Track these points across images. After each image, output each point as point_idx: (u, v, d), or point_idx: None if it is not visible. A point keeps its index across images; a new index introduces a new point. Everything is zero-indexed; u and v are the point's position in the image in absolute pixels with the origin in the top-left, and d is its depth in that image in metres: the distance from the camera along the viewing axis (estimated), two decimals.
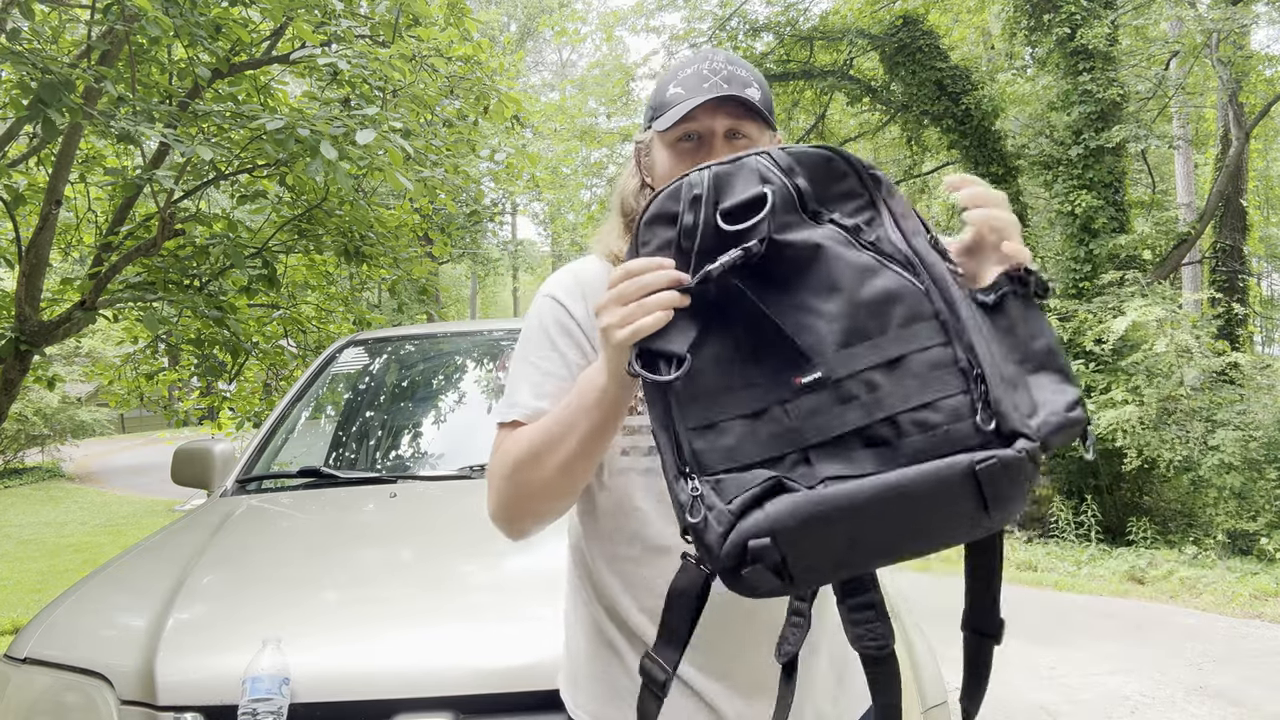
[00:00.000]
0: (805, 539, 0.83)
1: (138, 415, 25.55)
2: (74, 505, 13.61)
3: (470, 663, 1.61)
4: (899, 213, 0.93)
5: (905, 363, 0.86)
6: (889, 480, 0.83)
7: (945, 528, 0.85)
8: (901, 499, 0.82)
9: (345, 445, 3.31)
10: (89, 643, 1.77)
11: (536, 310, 1.28)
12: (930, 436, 0.84)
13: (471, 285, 31.03)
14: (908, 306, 0.88)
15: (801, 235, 0.91)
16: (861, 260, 0.90)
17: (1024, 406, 0.86)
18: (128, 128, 3.34)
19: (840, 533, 0.84)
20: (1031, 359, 0.91)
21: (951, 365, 0.86)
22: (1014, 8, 10.23)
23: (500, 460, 1.18)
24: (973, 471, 0.81)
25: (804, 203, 0.93)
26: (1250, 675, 4.68)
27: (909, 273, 0.89)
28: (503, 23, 28.46)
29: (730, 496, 0.86)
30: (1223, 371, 8.74)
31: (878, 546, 0.86)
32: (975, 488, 0.81)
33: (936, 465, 0.82)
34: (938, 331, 0.87)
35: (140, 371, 5.86)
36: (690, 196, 0.94)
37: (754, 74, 1.22)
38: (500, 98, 5.30)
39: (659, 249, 0.95)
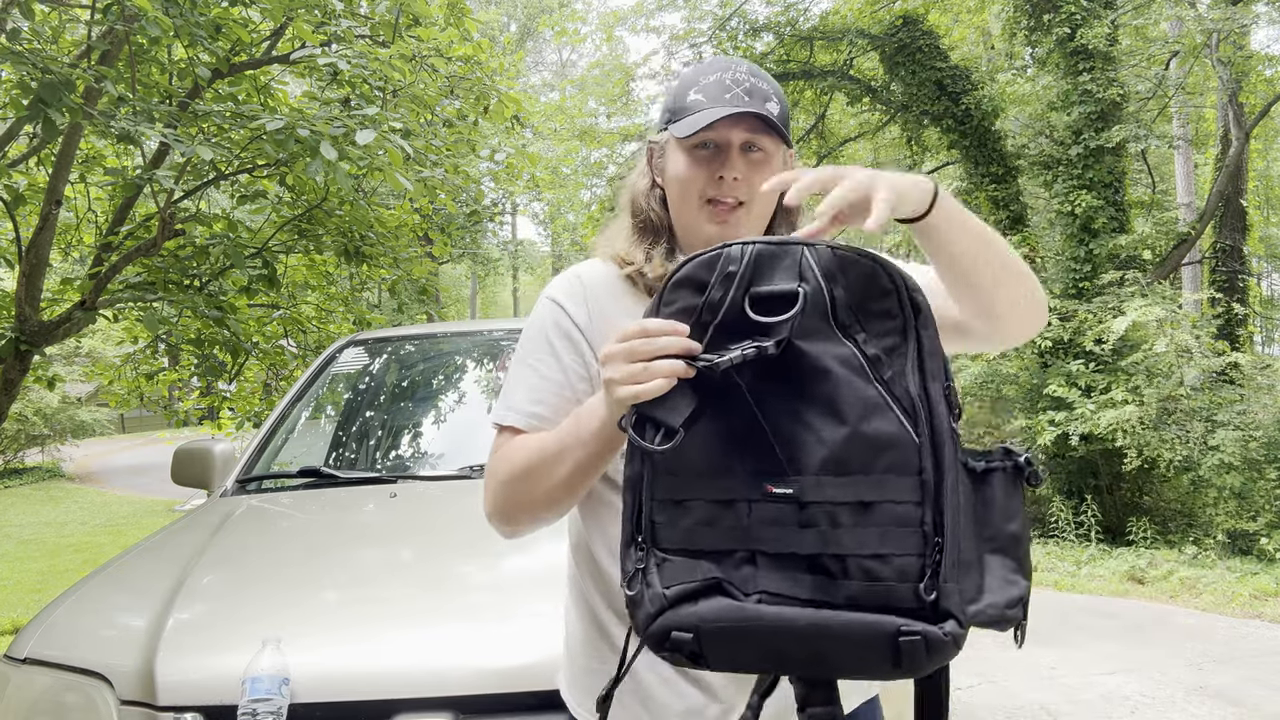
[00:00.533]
0: (726, 642, 0.89)
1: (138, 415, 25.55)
2: (74, 505, 13.61)
3: (470, 663, 1.61)
4: (927, 349, 0.91)
5: (874, 510, 0.88)
6: (818, 619, 0.87)
7: (857, 668, 0.90)
8: (824, 637, 0.87)
9: (345, 445, 3.31)
10: (89, 643, 1.77)
11: (538, 313, 1.29)
12: (871, 587, 0.87)
13: (471, 285, 31.02)
14: (896, 456, 0.88)
15: (820, 349, 0.91)
16: (869, 395, 0.89)
17: (969, 590, 0.89)
18: (128, 128, 3.34)
19: (758, 645, 0.89)
20: (997, 539, 0.93)
21: (916, 526, 0.87)
22: (1014, 8, 10.22)
23: (496, 467, 1.20)
24: (896, 638, 0.85)
25: (835, 313, 0.92)
26: (1250, 675, 4.68)
27: (909, 421, 0.89)
28: (503, 23, 28.46)
29: (670, 582, 0.91)
30: (1223, 371, 8.74)
31: (789, 663, 0.92)
32: (893, 651, 0.85)
33: (864, 620, 0.86)
34: (915, 489, 0.87)
35: (140, 371, 5.86)
36: (725, 272, 0.94)
37: (774, 87, 1.24)
38: (500, 98, 5.30)
39: (679, 313, 0.95)
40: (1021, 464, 0.95)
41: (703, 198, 1.22)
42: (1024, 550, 0.94)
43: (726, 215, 1.21)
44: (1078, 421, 8.29)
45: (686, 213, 1.25)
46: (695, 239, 1.25)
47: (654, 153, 1.31)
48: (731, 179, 1.19)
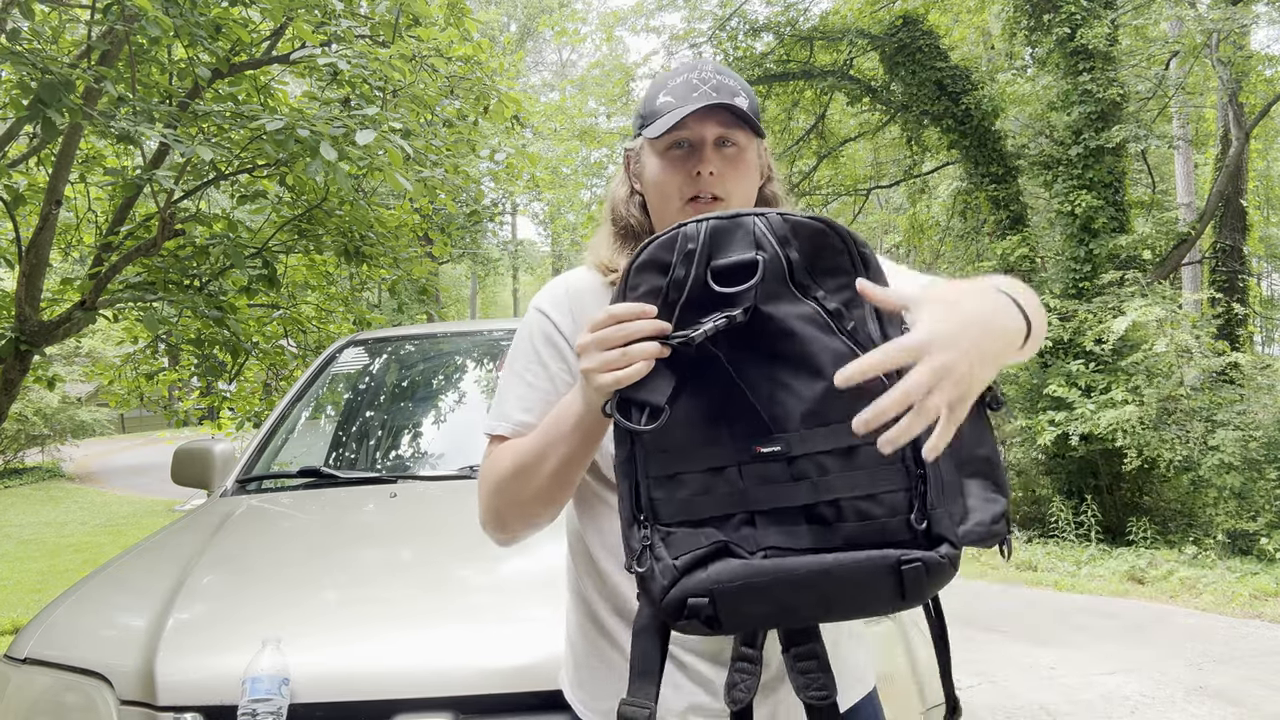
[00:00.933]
0: (740, 601, 0.93)
1: (138, 415, 25.56)
2: (74, 505, 13.62)
3: (470, 663, 1.61)
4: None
5: (858, 453, 0.92)
6: (823, 563, 0.91)
7: (865, 605, 0.95)
8: (830, 579, 0.91)
9: (345, 445, 3.31)
10: (89, 643, 1.77)
11: (525, 322, 1.32)
12: (867, 525, 0.92)
13: (471, 285, 31.03)
14: (871, 399, 0.89)
15: (785, 310, 0.95)
16: (836, 347, 0.94)
17: (956, 513, 0.94)
18: (128, 128, 3.34)
19: (772, 599, 0.93)
20: (970, 464, 0.98)
21: (899, 463, 0.92)
22: (1014, 8, 10.23)
23: (487, 474, 1.22)
24: (898, 568, 0.90)
25: (793, 274, 0.96)
26: (1250, 675, 4.69)
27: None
28: (503, 23, 28.46)
29: (678, 552, 0.94)
30: (1223, 371, 8.74)
31: (803, 612, 0.96)
32: (897, 581, 0.90)
33: (867, 556, 0.91)
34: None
35: (140, 371, 5.86)
36: (685, 250, 0.97)
37: (741, 83, 1.25)
38: (500, 98, 5.30)
39: (645, 295, 0.98)
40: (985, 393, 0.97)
41: (682, 197, 1.22)
42: (998, 470, 0.99)
43: (707, 209, 1.21)
44: (1078, 421, 8.29)
45: (667, 214, 1.25)
46: None
47: (631, 159, 1.33)
48: (708, 174, 1.20)
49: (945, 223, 13.02)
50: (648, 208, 1.30)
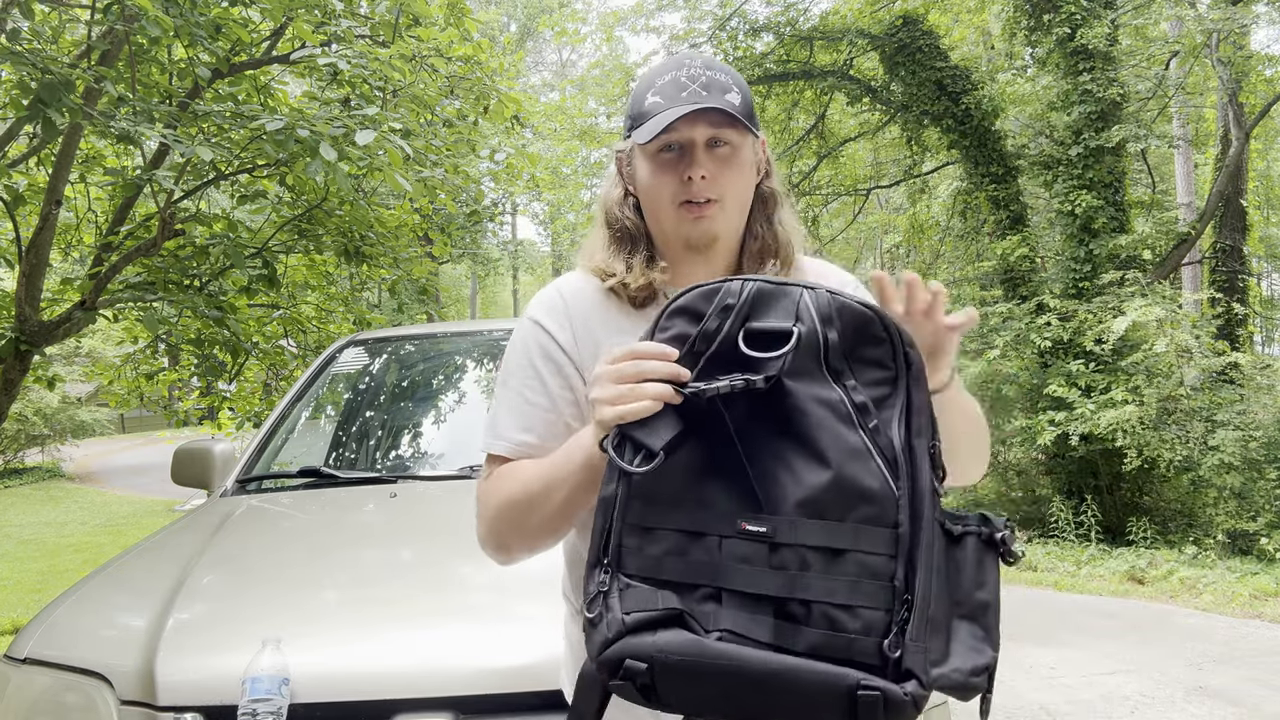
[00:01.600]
0: (680, 678, 0.86)
1: (138, 415, 25.55)
2: (74, 505, 13.61)
3: (470, 663, 1.61)
4: (916, 405, 0.91)
5: (845, 558, 0.86)
6: (778, 663, 0.85)
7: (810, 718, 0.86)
8: (779, 684, 0.85)
9: (345, 445, 3.30)
10: (89, 643, 1.77)
11: (521, 334, 1.26)
12: (833, 637, 0.85)
13: (471, 285, 31.02)
14: (874, 506, 0.87)
15: (808, 390, 0.91)
16: (852, 442, 0.89)
17: (935, 652, 0.87)
18: (128, 128, 3.34)
19: (714, 685, 0.86)
20: (966, 605, 0.92)
21: (887, 580, 0.86)
22: (1014, 8, 10.22)
23: (487, 497, 1.19)
24: (854, 692, 0.83)
25: (828, 356, 0.92)
26: (1250, 675, 4.68)
27: (890, 472, 0.88)
28: (503, 23, 28.46)
29: (631, 608, 0.89)
30: (1223, 371, 8.74)
31: (745, 709, 0.88)
32: (850, 706, 0.83)
33: (824, 671, 0.84)
34: (890, 543, 0.86)
35: (140, 371, 5.86)
36: (723, 305, 0.95)
37: (733, 77, 1.20)
38: (500, 98, 5.30)
39: (673, 340, 0.96)
40: (996, 537, 0.93)
41: (675, 202, 1.19)
42: (993, 620, 0.92)
43: (702, 213, 1.18)
44: (1078, 421, 8.29)
45: (661, 219, 1.22)
46: (673, 244, 1.24)
47: (623, 160, 1.28)
48: (700, 178, 1.16)
49: (945, 223, 13.02)
50: (642, 209, 1.27)
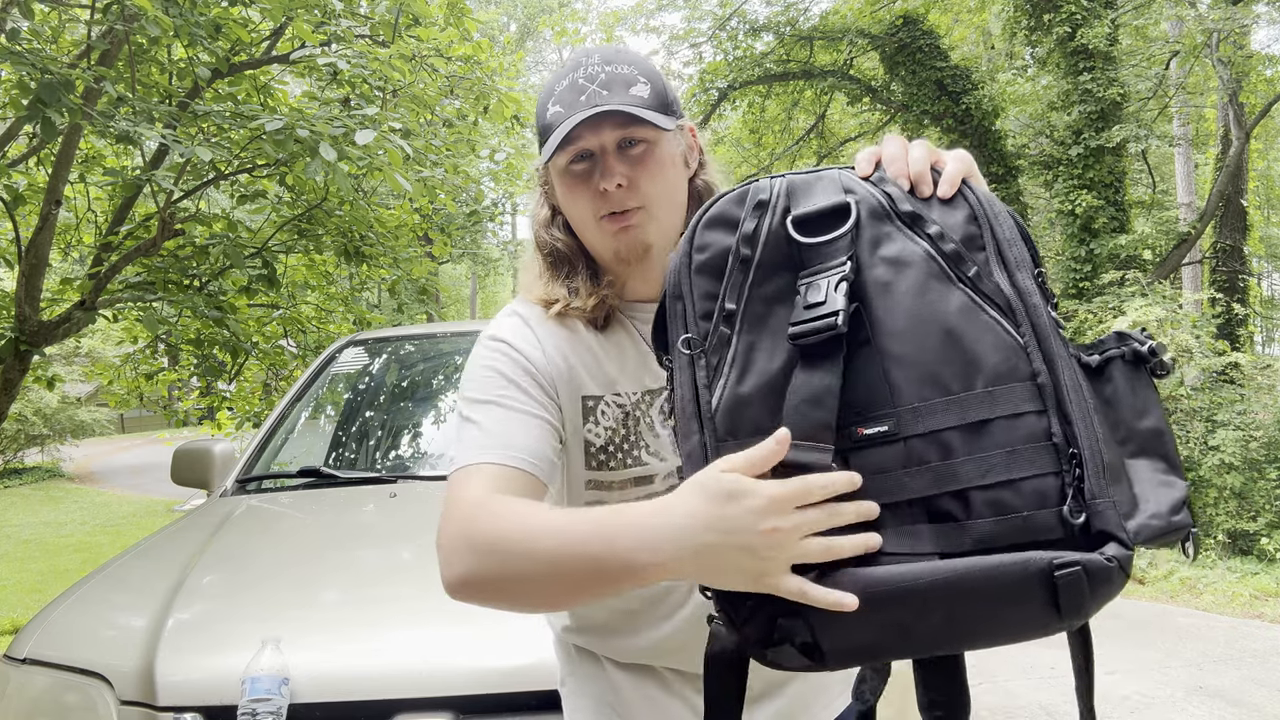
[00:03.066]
0: (844, 623, 0.72)
1: (138, 415, 25.56)
2: (74, 505, 13.61)
3: (470, 663, 1.61)
4: (1004, 237, 0.79)
5: (989, 429, 0.73)
6: (950, 569, 0.71)
7: (1008, 629, 0.73)
8: (961, 594, 0.71)
9: (345, 445, 3.30)
10: (89, 643, 1.77)
11: (486, 354, 1.12)
12: (1004, 522, 0.72)
13: (471, 285, 31.03)
14: (1001, 362, 0.74)
15: (889, 254, 0.78)
16: (955, 299, 0.76)
17: (1123, 503, 0.73)
18: (127, 128, 3.34)
19: (884, 620, 0.72)
20: (1134, 439, 0.77)
21: (1044, 439, 0.73)
22: (1014, 8, 10.23)
23: (478, 525, 0.91)
24: (1050, 575, 0.69)
25: (896, 207, 0.80)
26: (1250, 675, 4.68)
27: (1008, 320, 0.76)
28: (502, 23, 28.46)
29: None
30: (1223, 371, 8.74)
31: (928, 639, 0.74)
32: (1050, 593, 0.69)
33: (1009, 561, 0.70)
34: (1033, 397, 0.74)
35: (140, 371, 5.86)
36: (755, 202, 0.83)
37: (639, 65, 1.08)
38: (500, 98, 5.30)
39: (716, 257, 0.83)
40: (1143, 351, 0.79)
41: (596, 217, 1.08)
42: (1170, 446, 0.77)
43: (627, 223, 1.07)
44: None
45: (588, 236, 1.12)
46: (605, 258, 1.13)
47: (543, 178, 1.18)
48: (615, 187, 1.05)
49: None
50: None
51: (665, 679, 1.17)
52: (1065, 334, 0.78)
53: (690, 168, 1.15)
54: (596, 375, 1.13)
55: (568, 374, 1.11)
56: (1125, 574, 0.71)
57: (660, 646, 1.15)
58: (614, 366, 1.13)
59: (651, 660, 1.17)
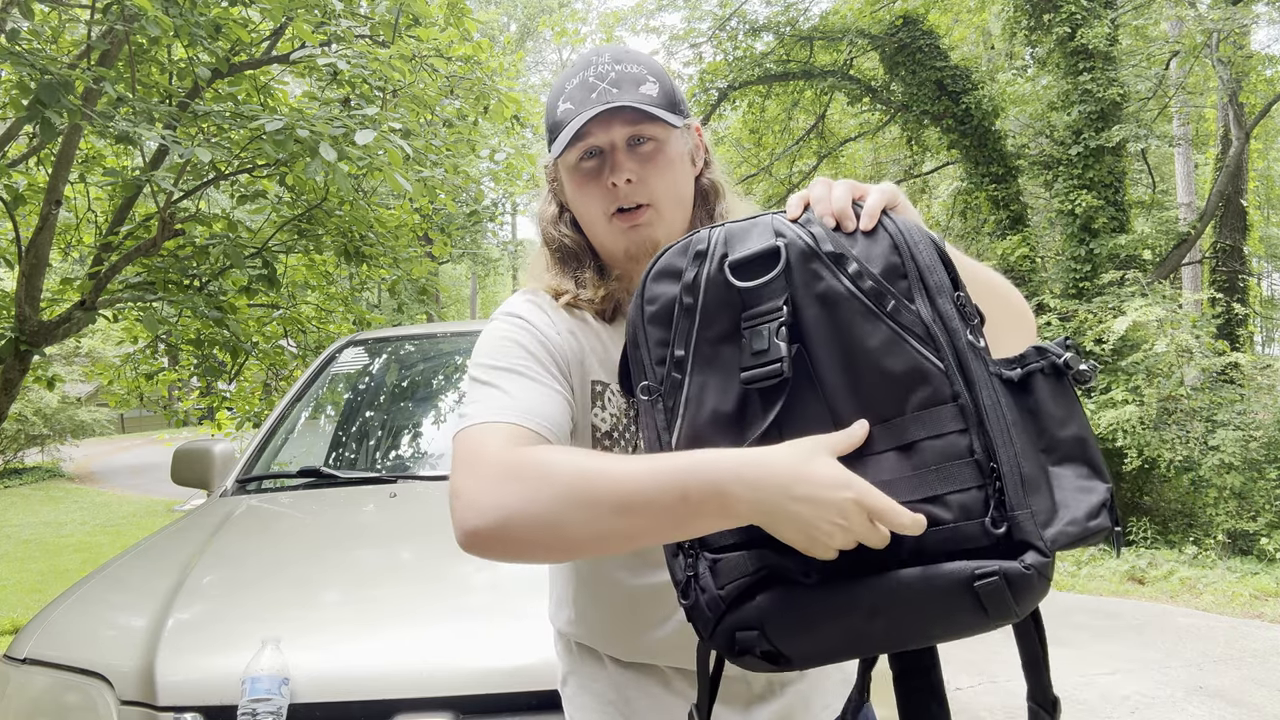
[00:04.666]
0: (795, 633, 0.81)
1: (138, 415, 25.56)
2: (74, 505, 13.61)
3: (470, 663, 1.61)
4: (924, 264, 0.84)
5: (919, 448, 0.80)
6: (886, 584, 0.78)
7: (944, 629, 0.80)
8: (899, 603, 0.78)
9: (345, 445, 3.30)
10: (89, 643, 1.77)
11: (503, 326, 1.13)
12: (936, 533, 0.78)
13: (471, 285, 31.03)
14: (927, 388, 0.81)
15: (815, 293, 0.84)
16: (880, 333, 0.82)
17: (1041, 512, 0.78)
18: (127, 128, 3.34)
19: (832, 628, 0.81)
20: (1058, 448, 0.82)
21: (967, 456, 0.79)
22: (1014, 8, 10.22)
23: (515, 460, 0.90)
24: (972, 585, 0.76)
25: (820, 246, 0.85)
26: (1251, 675, 4.68)
27: (929, 348, 0.81)
28: (502, 23, 28.46)
29: (724, 581, 0.83)
30: (1223, 371, 8.74)
31: (876, 641, 0.82)
32: (974, 600, 0.76)
33: (936, 573, 0.77)
34: (955, 417, 0.80)
35: (140, 371, 5.86)
36: (694, 252, 0.89)
37: (648, 65, 1.11)
38: (500, 98, 5.30)
39: (663, 310, 0.90)
40: (1059, 362, 0.83)
41: (606, 213, 1.10)
42: (1092, 452, 0.82)
43: (636, 220, 1.10)
44: None
45: (597, 233, 1.14)
46: (614, 256, 1.16)
47: (551, 175, 1.20)
48: (625, 182, 1.07)
49: (945, 223, 13.00)
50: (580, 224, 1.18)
51: (667, 677, 1.18)
52: (986, 353, 0.83)
53: (696, 166, 1.18)
54: (605, 362, 1.14)
55: (580, 357, 1.13)
56: (1045, 579, 0.76)
57: (662, 645, 1.16)
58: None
59: (653, 659, 1.18)
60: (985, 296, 0.97)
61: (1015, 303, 1.10)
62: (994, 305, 0.99)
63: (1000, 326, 1.02)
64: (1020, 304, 1.11)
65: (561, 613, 1.26)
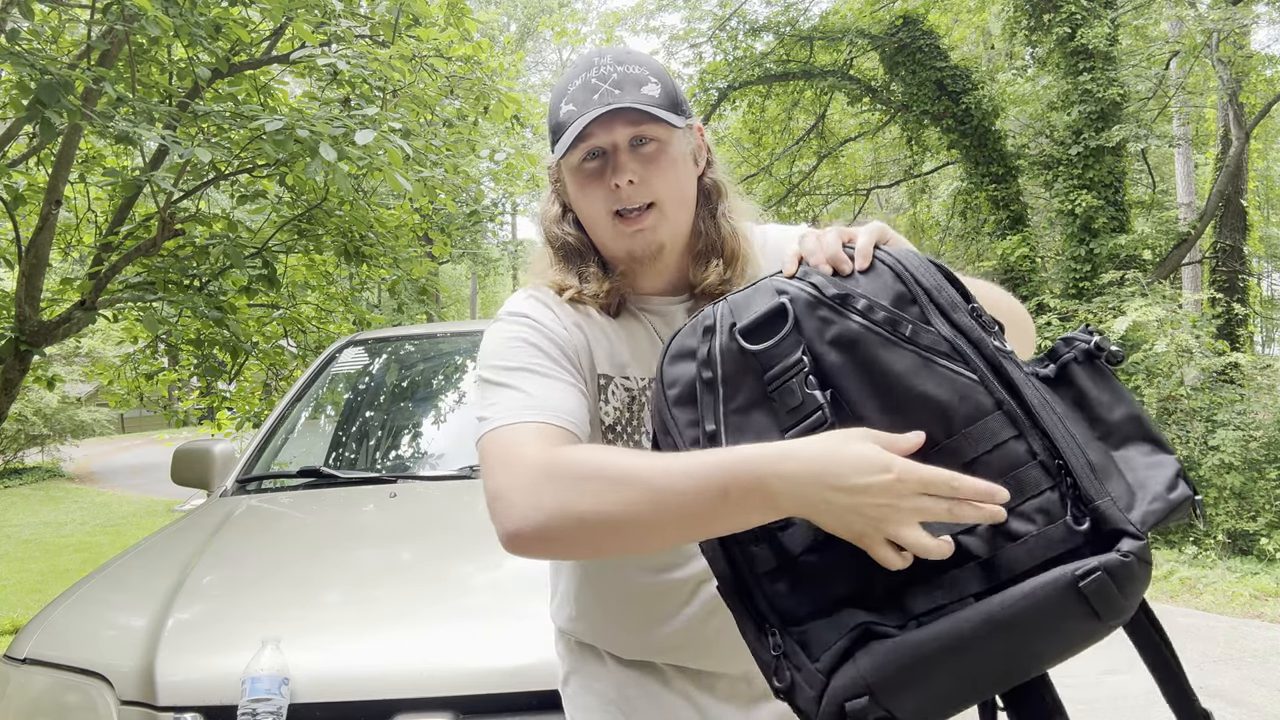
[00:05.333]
0: (906, 688, 0.76)
1: (138, 415, 25.55)
2: (74, 505, 13.61)
3: (470, 663, 1.61)
4: (930, 285, 0.84)
5: (979, 464, 0.77)
6: (983, 615, 0.74)
7: (1060, 645, 0.76)
8: (1007, 628, 0.74)
9: (345, 445, 3.30)
10: (89, 643, 1.77)
11: (510, 327, 1.12)
12: (1021, 546, 0.75)
13: (471, 285, 31.03)
14: (967, 403, 0.79)
15: (836, 332, 0.84)
16: (905, 360, 0.81)
17: (1121, 496, 0.75)
18: (127, 128, 3.34)
19: (945, 673, 0.76)
20: (1114, 432, 0.80)
21: (1030, 460, 0.77)
22: (1014, 8, 10.23)
23: (554, 462, 0.90)
24: (1076, 587, 0.72)
25: (823, 293, 0.85)
26: (1251, 675, 4.68)
27: (958, 363, 0.80)
28: (502, 23, 28.46)
29: (817, 652, 0.78)
30: (1223, 371, 8.74)
31: (995, 677, 0.78)
32: (1084, 603, 0.72)
33: (1037, 586, 0.73)
34: (1005, 424, 0.78)
35: (140, 371, 5.86)
36: (703, 328, 0.90)
37: (649, 65, 1.11)
38: (500, 98, 5.30)
39: (685, 390, 0.88)
40: (1091, 347, 0.82)
41: (608, 214, 1.10)
42: (1151, 427, 0.80)
43: (639, 223, 1.09)
44: None
45: (600, 234, 1.14)
46: (617, 257, 1.15)
47: (554, 176, 1.20)
48: (626, 183, 1.07)
49: (945, 223, 13.02)
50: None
51: (667, 676, 1.18)
52: (1016, 356, 0.82)
53: (699, 166, 1.18)
54: (610, 356, 1.15)
55: (588, 350, 1.14)
56: (1145, 563, 0.72)
57: (663, 643, 1.16)
58: (626, 351, 1.15)
59: (654, 657, 1.18)
60: (992, 311, 0.97)
61: (1020, 320, 1.09)
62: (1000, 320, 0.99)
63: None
64: (1025, 321, 1.10)
65: (563, 610, 1.26)
